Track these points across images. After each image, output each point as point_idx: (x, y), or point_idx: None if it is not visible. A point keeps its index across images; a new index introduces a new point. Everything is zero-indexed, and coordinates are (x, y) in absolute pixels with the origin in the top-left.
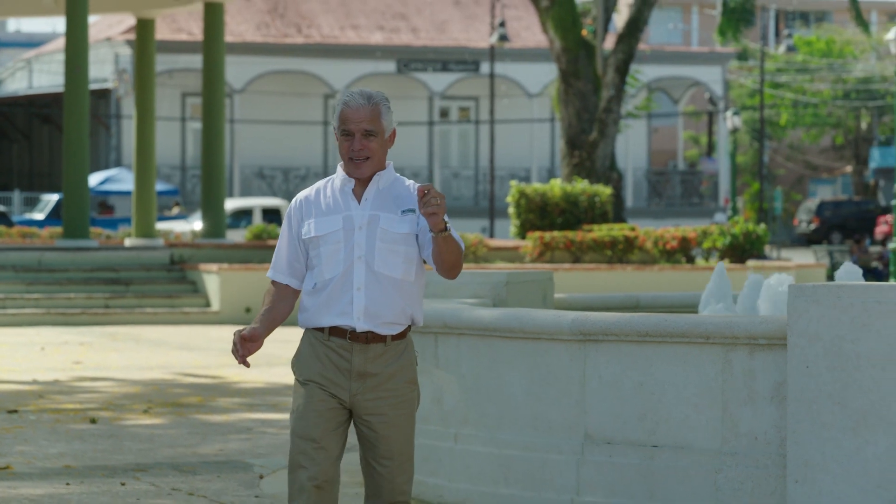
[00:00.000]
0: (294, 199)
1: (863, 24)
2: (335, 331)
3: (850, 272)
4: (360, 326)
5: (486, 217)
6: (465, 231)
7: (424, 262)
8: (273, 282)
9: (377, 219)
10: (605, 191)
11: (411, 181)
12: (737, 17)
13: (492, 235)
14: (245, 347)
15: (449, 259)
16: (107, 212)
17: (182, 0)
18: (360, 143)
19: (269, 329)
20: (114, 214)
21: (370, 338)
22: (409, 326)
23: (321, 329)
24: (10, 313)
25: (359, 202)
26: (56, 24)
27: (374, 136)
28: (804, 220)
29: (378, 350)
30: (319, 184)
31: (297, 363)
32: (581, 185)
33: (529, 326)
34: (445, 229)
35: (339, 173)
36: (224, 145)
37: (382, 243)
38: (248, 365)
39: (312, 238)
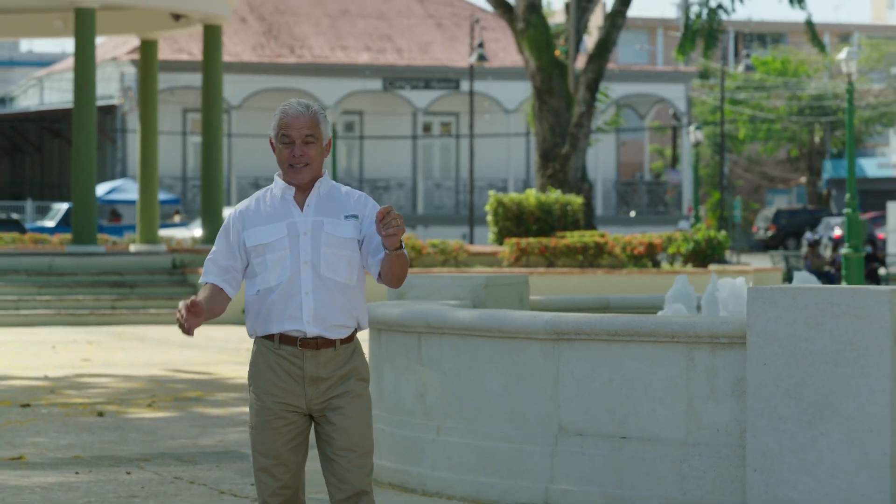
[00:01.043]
0: (233, 210)
1: (819, 44)
2: (285, 338)
3: (802, 276)
4: (311, 331)
5: (466, 224)
6: (447, 237)
7: (366, 270)
8: (207, 284)
9: (321, 224)
10: (577, 200)
11: (347, 187)
12: (703, 38)
13: (471, 242)
14: (190, 319)
15: (398, 273)
16: (115, 219)
17: (183, 22)
18: (301, 149)
19: (209, 314)
20: (121, 222)
21: (320, 343)
22: (356, 330)
23: (271, 337)
24: (22, 314)
25: (301, 209)
26: (65, 44)
27: (314, 143)
28: (762, 227)
29: (328, 355)
30: (257, 194)
31: (252, 375)
32: (554, 195)
33: (507, 326)
34: (400, 247)
35: (278, 182)
36: (222, 158)
37: (328, 248)
38: (191, 334)
39: (257, 246)
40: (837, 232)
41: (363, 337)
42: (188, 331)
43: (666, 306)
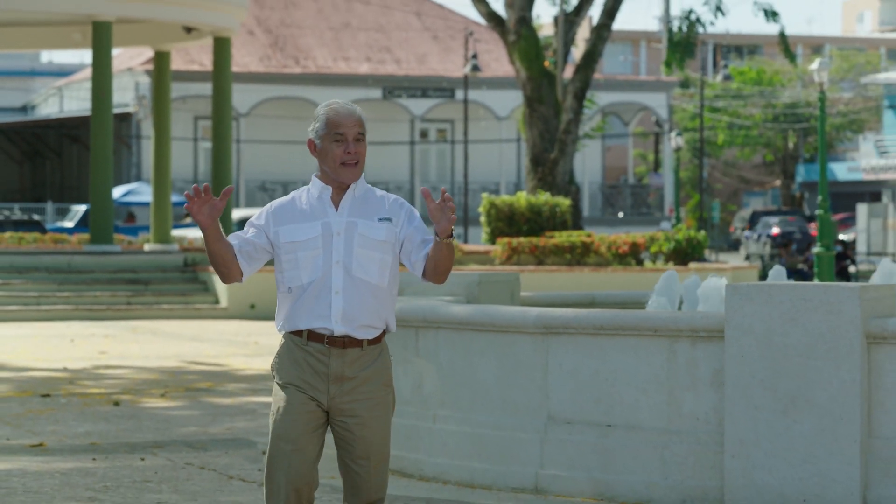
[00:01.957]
0: (270, 204)
1: (791, 56)
2: (313, 335)
3: (777, 274)
4: (338, 329)
5: (461, 225)
6: None
7: (402, 265)
8: None
9: (355, 225)
10: (565, 202)
11: (383, 192)
12: (681, 50)
13: (466, 241)
14: (203, 198)
15: (444, 264)
16: (131, 220)
17: (194, 35)
18: (354, 146)
19: (220, 243)
20: (136, 223)
21: (347, 342)
22: (384, 332)
23: (299, 333)
24: (43, 309)
25: (336, 209)
26: (84, 56)
27: (363, 141)
28: (739, 227)
29: (354, 354)
30: (295, 193)
31: (277, 367)
32: (544, 197)
33: (499, 321)
34: (451, 235)
35: (315, 182)
36: (231, 162)
37: (360, 249)
38: (199, 214)
39: (290, 243)
40: (775, 230)
41: None
42: (196, 210)
43: (651, 299)
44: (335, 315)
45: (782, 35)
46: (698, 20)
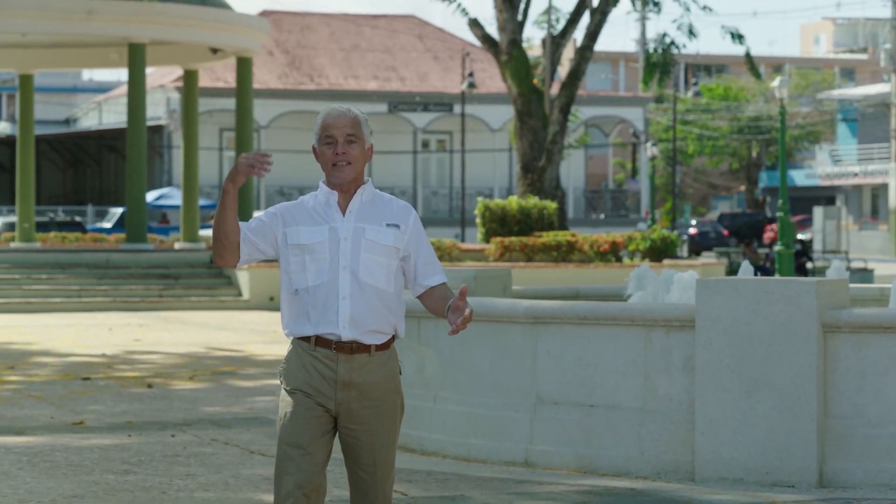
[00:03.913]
0: (278, 205)
1: (756, 73)
2: (321, 341)
3: (744, 270)
4: (346, 335)
5: (459, 226)
6: (442, 237)
7: (404, 277)
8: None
9: (362, 230)
10: (552, 205)
11: (391, 196)
12: (659, 70)
13: (463, 240)
14: (260, 163)
15: (435, 313)
16: (163, 222)
17: (219, 56)
18: (343, 147)
19: (235, 205)
20: (168, 224)
21: (355, 348)
22: (393, 337)
23: (307, 339)
24: (84, 301)
25: (343, 214)
26: (121, 74)
27: (356, 143)
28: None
29: (362, 360)
30: (303, 197)
31: (285, 373)
32: (533, 201)
33: (493, 312)
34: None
35: (322, 188)
36: None
37: (367, 254)
38: (267, 168)
39: (298, 245)
40: (693, 230)
41: None
42: (260, 166)
43: (636, 293)
44: (343, 320)
45: (748, 55)
46: (673, 42)
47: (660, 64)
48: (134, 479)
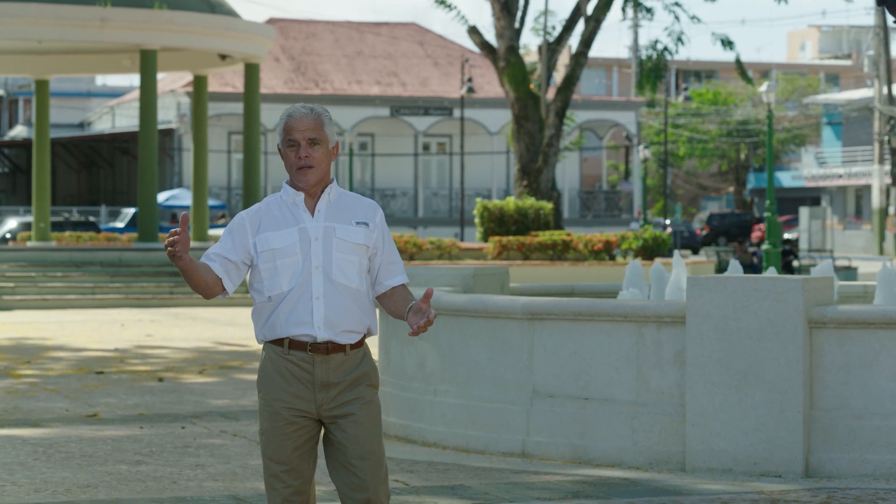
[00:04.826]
0: (240, 213)
1: (747, 78)
2: (294, 343)
3: (733, 268)
4: (321, 336)
5: (458, 225)
6: (442, 236)
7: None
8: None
9: (332, 230)
10: (548, 206)
11: (355, 194)
12: (653, 76)
13: (462, 239)
14: (182, 235)
15: (394, 316)
16: (173, 221)
17: (228, 62)
18: (306, 150)
19: (195, 264)
20: (178, 223)
21: (330, 348)
22: (366, 335)
23: (280, 342)
24: (97, 298)
25: (311, 214)
26: (133, 79)
27: (319, 145)
28: (698, 227)
29: (338, 360)
30: (266, 200)
31: (261, 381)
32: (529, 202)
33: (491, 308)
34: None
35: (287, 189)
36: (259, 171)
37: (339, 253)
38: (176, 253)
39: (268, 251)
40: (669, 229)
41: (373, 337)
42: (175, 250)
43: (625, 290)
44: (317, 321)
45: (738, 61)
46: (666, 49)
47: (654, 69)
48: (146, 470)
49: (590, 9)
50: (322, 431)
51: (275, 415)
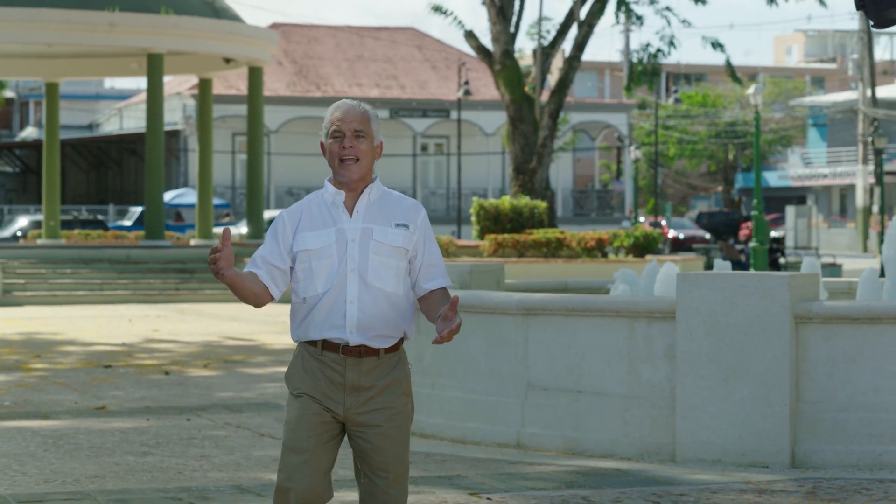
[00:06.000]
0: (281, 213)
1: (737, 79)
2: (327, 345)
3: (720, 264)
4: (353, 340)
5: (455, 224)
6: (440, 234)
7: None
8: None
9: (370, 231)
10: (542, 204)
11: (400, 193)
12: (647, 78)
13: (459, 237)
14: (224, 250)
15: (427, 317)
16: (179, 220)
17: (232, 65)
18: (351, 141)
19: (240, 276)
20: (184, 222)
21: (363, 352)
22: (402, 339)
23: (313, 343)
24: (105, 294)
25: (350, 215)
26: (140, 82)
27: (364, 138)
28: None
29: (371, 363)
30: (308, 198)
31: (290, 378)
32: (524, 201)
33: (487, 304)
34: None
35: (328, 188)
36: (263, 171)
37: (376, 256)
38: (220, 270)
39: (304, 251)
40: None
41: None
42: (219, 266)
43: (614, 287)
44: (350, 325)
45: (728, 63)
46: (660, 50)
47: (647, 72)
48: (152, 460)
49: (583, 14)
50: (344, 436)
51: (303, 404)
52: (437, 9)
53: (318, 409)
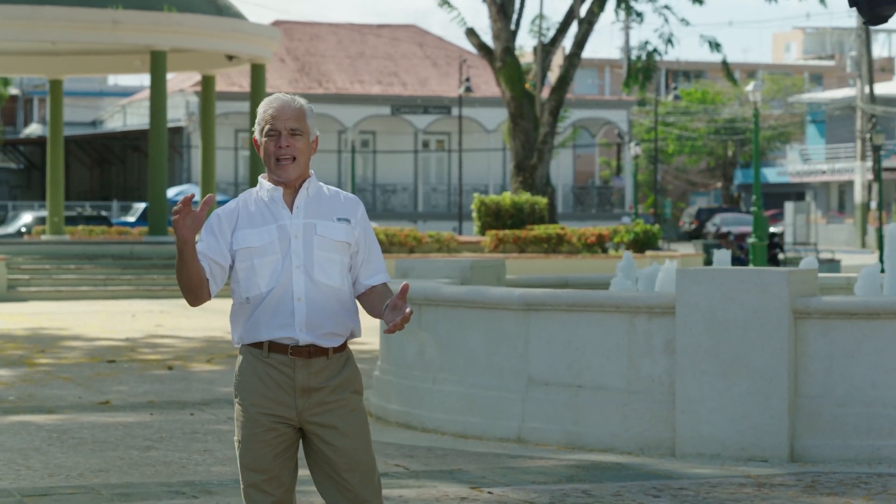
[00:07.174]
0: (215, 211)
1: (733, 79)
2: (275, 346)
3: (719, 260)
4: (303, 339)
5: (456, 220)
6: (441, 230)
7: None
8: None
9: (313, 226)
10: (543, 200)
11: (335, 188)
12: (643, 75)
13: (460, 233)
14: (185, 209)
15: (371, 314)
16: None
17: (235, 62)
18: (287, 140)
19: (193, 263)
20: None
21: (312, 352)
22: (349, 338)
23: (259, 345)
24: (109, 290)
25: (290, 211)
26: (143, 79)
27: (300, 136)
28: (687, 221)
29: (320, 364)
30: (242, 196)
31: (238, 386)
32: (525, 197)
33: (488, 299)
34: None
35: (263, 184)
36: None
37: (321, 251)
38: (184, 231)
39: (245, 249)
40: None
41: (375, 325)
42: (180, 222)
43: (614, 280)
44: (299, 323)
45: (725, 63)
46: (656, 50)
47: (644, 69)
48: (155, 455)
49: (583, 12)
50: (301, 441)
51: (253, 421)
52: (445, 2)
53: (269, 424)
